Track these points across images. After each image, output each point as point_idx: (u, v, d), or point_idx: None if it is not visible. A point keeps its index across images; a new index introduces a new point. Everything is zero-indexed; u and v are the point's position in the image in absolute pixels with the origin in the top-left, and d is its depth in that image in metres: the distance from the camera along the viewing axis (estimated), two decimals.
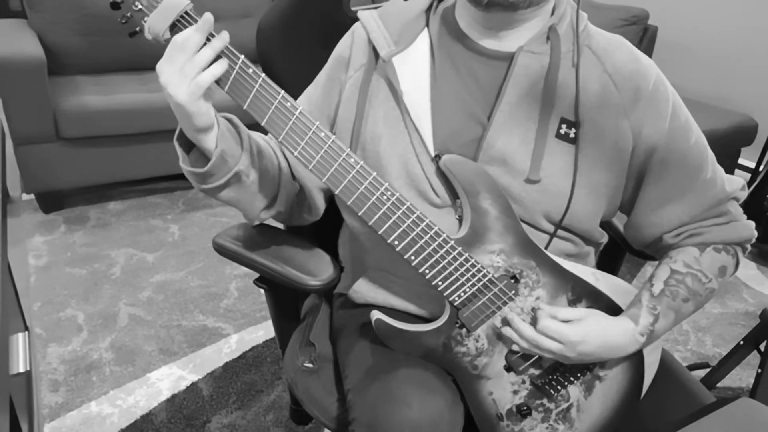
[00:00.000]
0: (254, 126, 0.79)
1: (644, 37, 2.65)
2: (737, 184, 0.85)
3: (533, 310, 0.79)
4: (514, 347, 0.80)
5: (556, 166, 0.78)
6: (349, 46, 0.87)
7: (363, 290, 0.92)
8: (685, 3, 2.93)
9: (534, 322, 0.79)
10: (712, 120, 2.53)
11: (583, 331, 0.76)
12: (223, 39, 0.68)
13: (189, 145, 0.76)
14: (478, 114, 0.80)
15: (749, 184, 2.40)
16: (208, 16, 0.67)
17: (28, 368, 0.99)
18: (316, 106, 0.89)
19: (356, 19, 0.88)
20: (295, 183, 0.89)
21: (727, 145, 2.59)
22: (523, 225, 0.80)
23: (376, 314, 0.79)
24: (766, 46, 2.69)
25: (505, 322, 0.79)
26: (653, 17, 2.69)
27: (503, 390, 0.81)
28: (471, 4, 0.76)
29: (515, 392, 0.82)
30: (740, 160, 2.77)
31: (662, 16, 2.89)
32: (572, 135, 0.78)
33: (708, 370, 1.58)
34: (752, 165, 2.79)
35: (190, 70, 0.66)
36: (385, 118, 0.82)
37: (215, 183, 0.75)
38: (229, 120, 0.78)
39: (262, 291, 0.99)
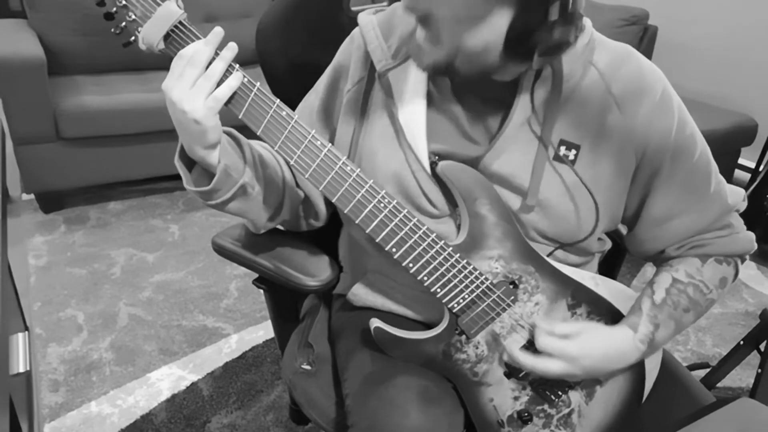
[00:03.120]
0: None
1: (644, 37, 2.65)
2: (739, 195, 0.84)
3: (531, 326, 0.79)
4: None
5: (555, 188, 0.76)
6: (349, 56, 0.85)
7: (361, 294, 0.92)
8: (685, 3, 2.92)
9: (532, 336, 0.79)
10: (712, 120, 2.53)
11: (581, 345, 0.75)
12: (232, 49, 0.67)
13: (189, 163, 0.76)
14: (475, 135, 0.79)
15: (749, 183, 2.40)
16: (218, 30, 0.67)
17: (28, 368, 0.99)
18: (318, 115, 0.89)
19: (355, 20, 0.87)
20: (300, 191, 0.89)
21: (727, 145, 2.58)
22: None
23: (375, 322, 0.79)
24: (766, 46, 2.69)
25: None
26: (653, 17, 2.68)
27: (504, 396, 0.81)
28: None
29: (516, 398, 0.81)
30: (740, 160, 2.76)
31: (662, 16, 2.88)
32: (572, 157, 0.76)
33: (708, 370, 1.58)
34: (752, 165, 2.79)
35: (203, 84, 0.66)
36: (382, 134, 0.81)
37: (222, 198, 0.74)
38: (228, 134, 0.77)
39: (262, 291, 0.99)
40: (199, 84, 0.66)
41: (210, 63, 0.67)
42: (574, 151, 0.76)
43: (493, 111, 0.78)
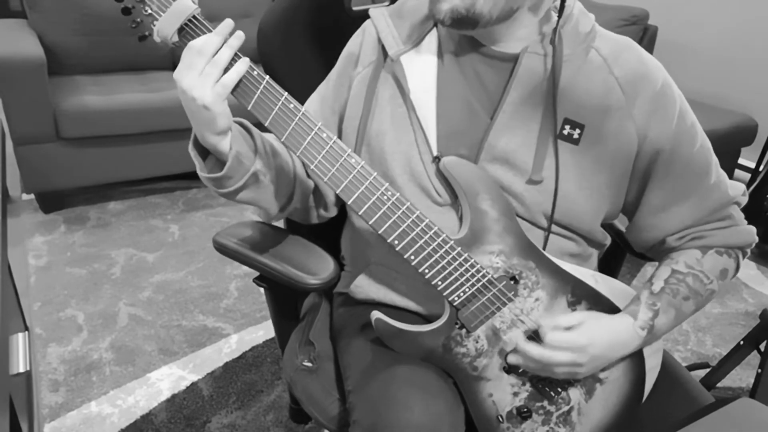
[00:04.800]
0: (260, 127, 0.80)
1: (644, 37, 2.65)
2: (739, 189, 0.85)
3: (535, 333, 0.79)
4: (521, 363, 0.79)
5: (560, 166, 0.78)
6: (359, 43, 0.88)
7: (364, 285, 0.92)
8: (685, 3, 2.92)
9: (534, 335, 0.79)
10: (712, 120, 2.53)
11: (588, 334, 0.76)
12: (239, 37, 0.70)
13: (202, 153, 0.77)
14: (481, 115, 0.81)
15: (749, 183, 2.40)
16: (229, 22, 0.69)
17: (28, 368, 0.99)
18: (328, 103, 0.91)
19: (357, 19, 0.89)
20: (310, 180, 0.90)
21: (727, 145, 2.59)
22: (524, 223, 0.81)
23: (376, 314, 0.79)
24: (766, 46, 2.69)
25: (504, 352, 0.79)
26: (653, 17, 2.69)
27: (503, 392, 0.81)
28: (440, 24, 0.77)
29: (515, 394, 0.81)
30: (740, 160, 2.76)
31: (662, 16, 2.89)
32: (576, 136, 0.78)
33: (708, 370, 1.58)
34: (752, 165, 2.79)
35: (211, 71, 0.68)
36: (392, 115, 0.83)
37: (234, 186, 0.76)
38: (239, 123, 0.79)
39: (262, 291, 0.99)
40: (207, 71, 0.68)
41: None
42: (578, 130, 0.78)
43: (498, 88, 0.80)
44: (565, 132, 0.78)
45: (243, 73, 0.70)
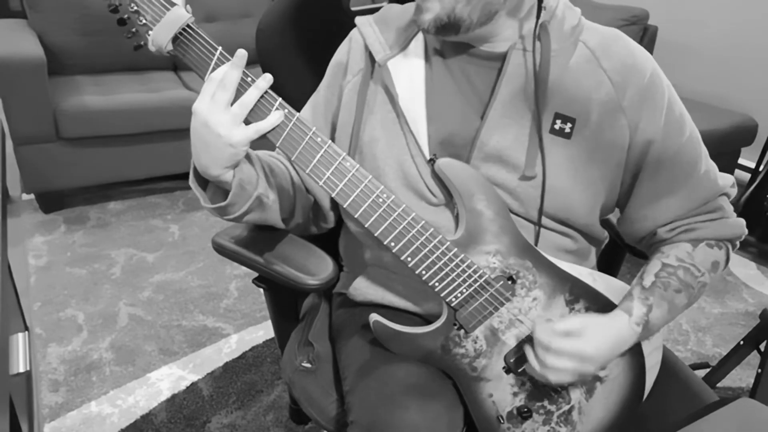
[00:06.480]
0: None
1: (644, 37, 2.65)
2: (728, 180, 0.86)
3: (528, 339, 0.79)
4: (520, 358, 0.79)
5: (552, 161, 0.78)
6: (347, 52, 0.88)
7: (362, 287, 0.92)
8: (685, 3, 2.92)
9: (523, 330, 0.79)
10: (712, 120, 2.53)
11: (593, 342, 0.75)
12: (267, 80, 0.71)
13: (201, 182, 0.78)
14: (472, 115, 0.81)
15: (749, 184, 2.40)
16: (242, 53, 0.69)
17: (28, 368, 0.99)
18: (320, 112, 0.91)
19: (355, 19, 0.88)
20: (309, 195, 0.91)
21: (727, 145, 2.58)
22: (518, 219, 0.81)
23: (374, 317, 0.79)
24: (766, 46, 2.69)
25: (503, 353, 0.80)
26: (653, 17, 2.68)
27: (503, 392, 0.81)
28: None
29: (515, 394, 0.81)
30: (740, 160, 2.76)
31: (662, 16, 2.89)
32: (567, 130, 0.78)
33: (708, 370, 1.58)
34: (752, 165, 2.79)
35: (239, 112, 0.69)
36: (383, 121, 0.83)
37: (239, 212, 0.77)
38: None
39: (262, 291, 0.99)
40: (234, 111, 0.69)
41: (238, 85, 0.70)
42: (569, 125, 0.78)
43: (487, 87, 0.81)
44: (557, 126, 0.78)
45: (276, 124, 0.71)
